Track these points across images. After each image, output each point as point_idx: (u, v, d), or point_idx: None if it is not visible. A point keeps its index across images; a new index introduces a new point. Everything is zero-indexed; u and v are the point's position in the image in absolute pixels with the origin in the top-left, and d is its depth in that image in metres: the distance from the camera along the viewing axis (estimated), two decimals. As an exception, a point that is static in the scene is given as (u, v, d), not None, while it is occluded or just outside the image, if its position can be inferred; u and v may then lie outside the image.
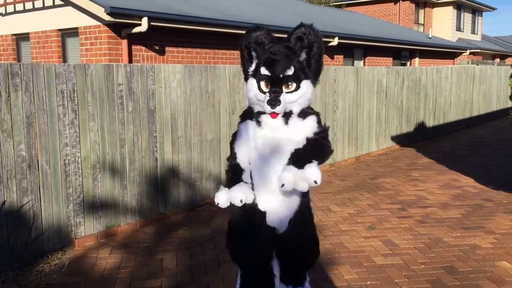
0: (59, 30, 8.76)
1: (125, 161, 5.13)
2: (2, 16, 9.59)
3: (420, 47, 17.72)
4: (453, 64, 20.87)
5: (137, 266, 4.27)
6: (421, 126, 11.44)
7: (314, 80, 2.57)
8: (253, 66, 2.56)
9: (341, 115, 8.50)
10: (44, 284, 3.95)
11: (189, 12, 8.91)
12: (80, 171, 4.76)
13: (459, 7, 29.72)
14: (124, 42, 7.99)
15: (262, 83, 2.45)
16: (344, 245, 4.68)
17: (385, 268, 4.13)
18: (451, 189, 6.77)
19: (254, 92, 2.46)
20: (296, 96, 2.43)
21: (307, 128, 2.45)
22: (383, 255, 4.43)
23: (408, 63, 18.07)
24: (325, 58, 13.30)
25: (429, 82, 11.63)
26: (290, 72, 2.42)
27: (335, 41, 12.54)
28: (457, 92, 13.19)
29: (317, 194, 6.55)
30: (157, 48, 8.58)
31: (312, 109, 2.54)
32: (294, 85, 2.42)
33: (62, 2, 8.40)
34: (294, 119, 2.45)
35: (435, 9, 29.27)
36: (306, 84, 2.46)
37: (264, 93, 2.42)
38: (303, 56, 2.50)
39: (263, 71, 2.43)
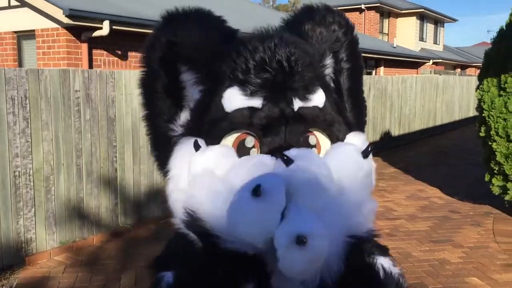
0: (15, 32, 8.33)
1: (82, 172, 4.83)
2: (-47, 16, 9.07)
3: (385, 56, 17.93)
4: (417, 74, 21.23)
5: (93, 287, 3.99)
6: (386, 135, 11.48)
7: (364, 129, 1.21)
8: (185, 113, 1.09)
9: (308, 124, 8.39)
10: (-11, 308, 3.63)
11: (153, 16, 8.64)
12: (32, 183, 4.43)
13: (422, 17, 30.40)
14: (84, 46, 7.65)
15: (231, 143, 0.99)
16: (312, 260, 4.52)
17: (355, 285, 3.99)
18: (418, 200, 6.73)
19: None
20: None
21: None
22: (352, 271, 4.28)
23: (374, 72, 18.25)
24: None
25: (395, 91, 11.70)
26: (318, 97, 1.02)
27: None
28: (421, 102, 13.34)
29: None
30: (119, 53, 8.27)
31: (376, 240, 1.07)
32: (327, 144, 1.03)
33: (18, 3, 7.99)
34: None
35: (399, 19, 29.84)
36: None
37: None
38: (328, 70, 1.16)
39: (234, 99, 0.98)
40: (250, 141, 0.96)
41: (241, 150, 0.96)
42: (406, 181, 7.97)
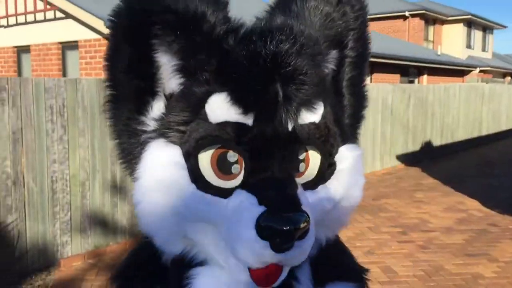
0: (60, 42, 8.71)
1: (116, 178, 4.98)
2: (4, 28, 9.57)
3: (429, 64, 17.55)
4: (463, 82, 20.65)
5: (122, 289, 4.09)
6: (427, 145, 11.21)
7: (357, 140, 1.09)
8: (160, 104, 0.91)
9: (344, 133, 8.31)
10: (24, 307, 3.79)
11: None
12: (68, 188, 4.61)
13: (470, 24, 29.56)
14: (124, 56, 7.89)
15: (209, 158, 0.84)
16: (340, 271, 4.47)
17: (382, 298, 3.93)
18: (455, 212, 6.53)
19: (178, 193, 0.84)
20: (332, 198, 0.91)
21: None
22: (381, 283, 4.22)
23: (416, 81, 17.89)
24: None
25: (437, 100, 11.42)
26: (317, 114, 0.88)
27: (340, 57, 12.39)
28: (465, 111, 12.96)
29: (316, 215, 6.35)
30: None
31: (342, 245, 1.10)
32: (318, 161, 0.90)
33: (63, 15, 8.36)
34: None
35: (445, 26, 29.13)
36: (353, 156, 0.96)
37: (224, 193, 0.84)
38: (330, 64, 1.00)
39: (220, 110, 0.82)
40: (233, 155, 0.83)
41: (221, 164, 0.83)
42: (445, 193, 7.76)
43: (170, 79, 0.89)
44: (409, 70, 17.18)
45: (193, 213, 0.84)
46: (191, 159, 0.83)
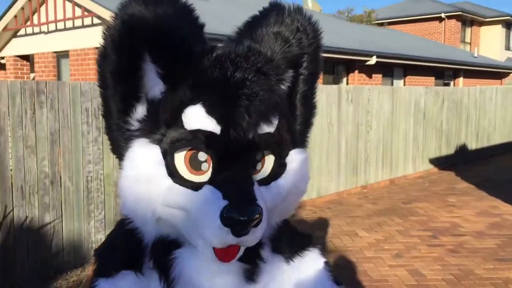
0: (96, 48, 8.98)
1: (148, 179, 5.12)
2: (45, 34, 9.95)
3: (465, 67, 17.19)
4: (501, 85, 20.12)
5: (153, 286, 4.22)
6: (462, 149, 11.00)
7: (306, 144, 1.24)
8: (142, 106, 1.06)
9: (374, 136, 8.27)
10: (60, 301, 3.96)
11: (221, 30, 8.98)
12: (103, 188, 4.78)
13: (509, 25, 28.80)
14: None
15: (183, 158, 1.00)
16: (367, 273, 4.48)
17: (408, 300, 3.91)
18: (488, 217, 6.41)
19: (155, 185, 1.00)
20: (283, 191, 1.08)
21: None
22: (408, 286, 4.20)
23: (452, 83, 17.55)
24: (363, 77, 13.17)
25: (472, 103, 11.20)
26: (273, 125, 1.03)
27: (372, 60, 12.32)
28: (502, 114, 12.65)
29: (345, 217, 6.35)
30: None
31: (293, 226, 1.25)
32: (271, 161, 1.07)
33: (99, 21, 8.63)
34: (268, 263, 1.12)
35: (483, 28, 28.47)
36: (299, 159, 1.12)
37: (195, 186, 0.99)
38: (285, 85, 1.15)
39: (195, 119, 0.98)
40: (203, 155, 1.00)
41: (193, 162, 1.00)
42: (479, 197, 7.61)
43: (152, 87, 1.04)
44: (444, 72, 16.88)
45: (168, 202, 1.00)
46: (168, 157, 0.99)
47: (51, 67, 10.00)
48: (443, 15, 25.74)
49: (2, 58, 11.27)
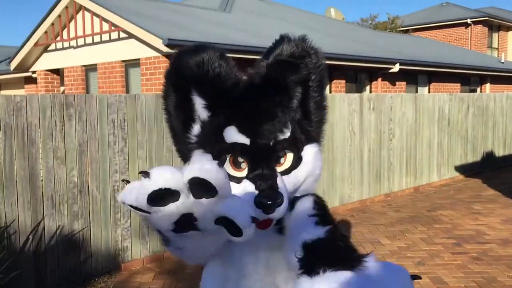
0: (123, 61, 9.25)
1: (172, 188, 5.25)
2: (74, 49, 10.29)
3: (491, 73, 16.94)
4: (530, 90, 19.73)
5: (177, 293, 4.33)
6: (489, 156, 10.85)
7: (320, 140, 1.59)
8: (197, 126, 1.47)
9: (398, 144, 8.26)
10: (88, 306, 4.11)
11: (245, 41, 9.12)
12: (129, 197, 4.92)
13: (537, 29, 28.22)
14: (181, 72, 8.29)
15: (228, 160, 1.41)
16: (389, 280, 4.49)
17: (430, 307, 3.92)
18: (514, 225, 6.33)
19: None
20: (300, 177, 1.46)
21: (298, 214, 1.46)
22: (430, 293, 4.20)
23: (478, 89, 17.30)
24: (386, 84, 13.12)
25: (498, 109, 11.06)
26: (287, 132, 1.42)
27: (396, 68, 12.29)
28: (530, 120, 12.41)
29: (368, 225, 6.36)
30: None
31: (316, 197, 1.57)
32: (291, 156, 1.44)
33: (126, 35, 8.90)
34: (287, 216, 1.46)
35: (510, 33, 27.99)
36: (312, 152, 1.48)
37: (238, 180, 1.39)
38: (298, 98, 1.49)
39: (232, 135, 1.38)
40: (240, 159, 1.41)
41: (235, 164, 1.42)
42: (505, 205, 7.50)
43: (202, 112, 1.46)
44: (470, 79, 16.67)
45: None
46: (218, 161, 1.28)
47: (80, 80, 10.32)
48: (469, 20, 25.44)
49: (34, 72, 11.67)
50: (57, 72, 11.48)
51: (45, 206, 4.38)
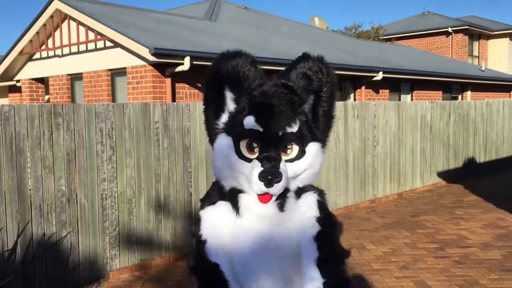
0: (109, 70, 9.27)
1: (160, 196, 5.31)
2: (59, 57, 10.28)
3: (472, 80, 17.28)
4: (509, 97, 20.16)
5: (166, 299, 4.37)
6: (470, 162, 11.06)
7: (325, 143, 1.89)
8: (225, 115, 1.81)
9: (381, 151, 8.40)
10: (76, 314, 4.12)
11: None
12: (117, 205, 4.96)
13: (516, 38, 28.84)
14: (168, 81, 8.34)
15: (244, 144, 1.73)
16: (374, 285, 4.59)
17: (414, 310, 4.02)
18: (495, 229, 6.49)
19: (229, 159, 1.73)
20: (301, 167, 1.76)
21: (305, 213, 1.81)
22: (414, 296, 4.30)
23: (460, 97, 17.63)
24: (370, 92, 13.32)
25: (479, 116, 11.30)
26: (294, 127, 1.72)
27: (379, 76, 12.49)
28: (510, 126, 12.70)
29: (353, 231, 6.47)
30: (200, 86, 8.89)
31: (315, 187, 1.91)
32: (297, 149, 1.75)
33: (112, 44, 8.92)
34: (291, 201, 1.79)
35: (491, 41, 28.57)
36: (314, 149, 1.78)
37: (249, 160, 1.72)
38: (309, 104, 1.83)
39: (249, 123, 1.69)
40: (254, 143, 1.73)
41: (250, 148, 1.73)
42: (486, 210, 7.68)
43: (230, 104, 1.81)
44: (451, 86, 16.98)
45: (235, 168, 1.73)
46: (236, 143, 1.73)
47: (65, 89, 10.30)
48: (450, 29, 25.91)
49: (18, 81, 11.62)
50: (42, 81, 11.44)
51: (33, 215, 4.40)
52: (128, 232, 5.06)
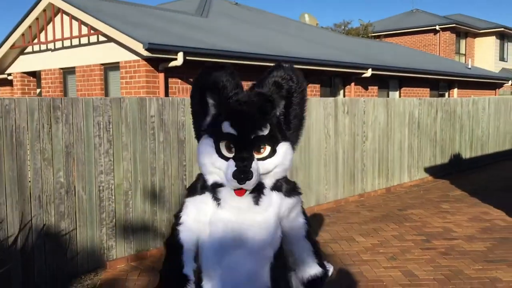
0: (102, 64, 9.34)
1: (155, 188, 5.43)
2: (52, 51, 10.31)
3: (459, 78, 17.58)
4: (495, 95, 20.51)
5: (162, 288, 4.50)
6: (456, 158, 11.32)
7: (295, 141, 2.13)
8: (209, 119, 2.06)
9: (370, 146, 8.59)
10: (76, 302, 4.24)
11: (223, 46, 9.33)
12: (113, 197, 5.08)
13: (503, 36, 29.31)
14: (161, 76, 8.44)
15: (223, 145, 1.97)
16: (363, 274, 4.77)
17: (401, 298, 4.20)
18: (480, 222, 6.71)
19: (211, 157, 1.97)
20: (271, 165, 1.99)
21: (285, 209, 2.09)
22: (401, 285, 4.49)
23: (447, 94, 17.92)
24: (359, 89, 13.53)
25: (465, 113, 11.55)
26: (265, 131, 1.95)
27: (368, 73, 12.69)
28: (495, 123, 13.00)
29: (343, 224, 6.65)
30: (192, 81, 9.00)
31: (289, 180, 2.15)
32: (269, 149, 1.98)
33: (105, 39, 8.99)
34: (266, 196, 2.02)
35: (477, 39, 28.99)
36: (284, 148, 2.02)
37: (226, 159, 1.95)
38: (281, 108, 2.06)
39: (226, 128, 1.93)
40: (231, 145, 1.96)
41: (227, 148, 1.97)
42: (471, 204, 7.91)
43: (212, 109, 2.06)
44: (439, 84, 17.26)
45: (216, 165, 1.98)
46: (216, 143, 1.98)
47: (57, 83, 10.34)
48: (437, 27, 26.25)
49: (9, 74, 11.62)
50: (34, 74, 11.46)
51: (33, 206, 4.50)
52: (125, 224, 5.18)
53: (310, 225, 2.26)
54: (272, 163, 1.98)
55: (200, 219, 2.03)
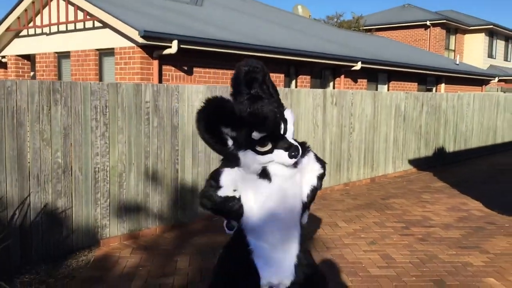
0: (97, 50, 9.49)
1: (148, 171, 5.66)
2: (47, 35, 10.43)
3: (446, 73, 17.92)
4: (482, 91, 20.91)
5: (154, 266, 4.76)
6: (440, 151, 11.66)
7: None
8: (230, 142, 2.50)
9: (357, 137, 8.88)
10: (71, 276, 4.48)
11: (217, 35, 9.53)
12: (108, 178, 5.30)
13: (492, 34, 29.71)
14: (155, 63, 8.63)
15: (260, 147, 2.51)
16: (344, 256, 5.06)
17: (378, 278, 4.49)
18: (457, 212, 7.04)
19: (259, 161, 2.50)
20: (292, 133, 2.66)
21: (312, 170, 2.81)
22: (379, 267, 4.78)
23: (434, 89, 18.27)
24: (349, 81, 13.81)
25: (450, 108, 11.87)
26: (281, 123, 2.58)
27: (358, 66, 12.96)
28: (479, 119, 13.35)
29: (327, 211, 6.93)
30: (186, 69, 9.20)
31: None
32: (282, 127, 2.61)
33: (101, 25, 9.14)
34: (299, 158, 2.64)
35: (467, 36, 29.37)
36: (288, 114, 2.67)
37: (270, 151, 2.52)
38: (266, 88, 2.64)
39: (257, 135, 2.48)
40: (266, 142, 2.56)
41: (261, 145, 2.54)
42: (451, 195, 8.25)
43: (229, 132, 2.47)
44: (426, 78, 17.59)
45: (263, 161, 2.54)
46: (254, 149, 2.53)
47: (52, 67, 10.48)
48: (428, 22, 26.57)
49: (4, 57, 11.71)
50: (28, 57, 11.56)
51: (31, 184, 4.71)
52: (118, 204, 5.41)
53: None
54: (291, 131, 2.65)
55: (237, 186, 2.61)
